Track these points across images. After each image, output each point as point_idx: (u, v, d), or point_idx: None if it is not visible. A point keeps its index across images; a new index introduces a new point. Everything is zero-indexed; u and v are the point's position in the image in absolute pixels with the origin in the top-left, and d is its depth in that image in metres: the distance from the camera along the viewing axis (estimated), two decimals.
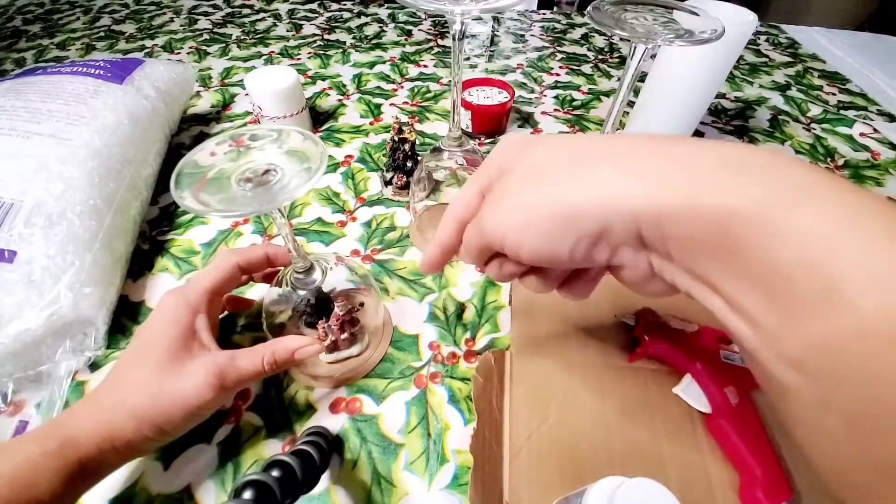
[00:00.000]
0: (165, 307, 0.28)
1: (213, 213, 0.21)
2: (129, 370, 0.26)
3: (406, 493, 0.29)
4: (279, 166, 0.23)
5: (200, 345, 0.28)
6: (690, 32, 0.26)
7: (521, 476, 0.28)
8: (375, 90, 0.70)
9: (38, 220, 0.35)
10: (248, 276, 0.34)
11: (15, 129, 0.39)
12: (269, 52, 0.80)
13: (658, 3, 0.29)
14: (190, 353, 0.27)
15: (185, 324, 0.27)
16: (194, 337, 0.28)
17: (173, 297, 0.29)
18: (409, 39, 0.86)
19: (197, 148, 0.23)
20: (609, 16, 0.27)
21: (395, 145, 0.46)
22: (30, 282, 0.32)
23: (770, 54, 0.84)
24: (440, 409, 0.33)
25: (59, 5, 0.98)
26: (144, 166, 0.47)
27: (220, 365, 0.26)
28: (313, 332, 0.32)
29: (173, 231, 0.46)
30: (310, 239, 0.45)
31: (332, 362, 0.34)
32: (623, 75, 0.29)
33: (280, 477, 0.23)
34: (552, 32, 0.90)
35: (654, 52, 0.27)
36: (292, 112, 0.55)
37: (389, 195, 0.49)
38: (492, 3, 0.26)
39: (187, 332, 0.27)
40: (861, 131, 0.63)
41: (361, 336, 0.35)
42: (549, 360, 0.34)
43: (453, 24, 0.28)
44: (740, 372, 0.29)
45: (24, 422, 0.32)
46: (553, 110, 0.66)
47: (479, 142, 0.60)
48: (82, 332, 0.34)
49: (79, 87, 0.46)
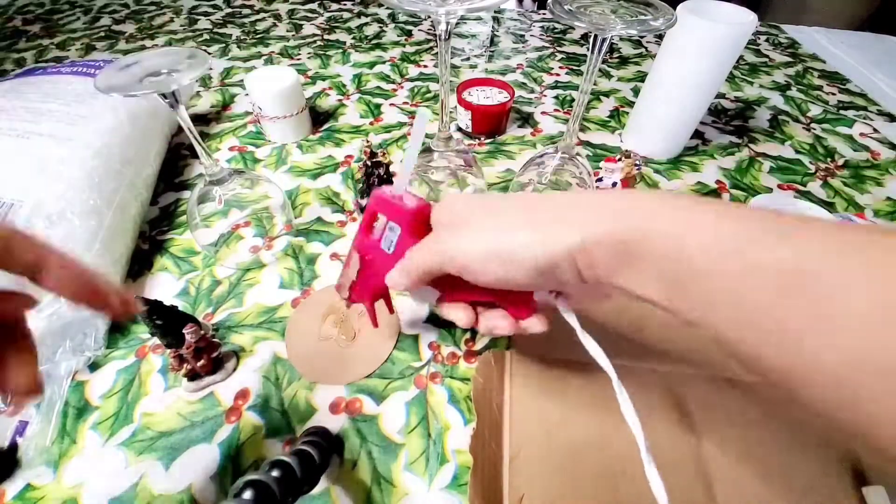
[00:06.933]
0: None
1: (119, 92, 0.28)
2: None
3: (406, 494, 0.29)
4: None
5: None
6: (643, 21, 0.28)
7: (521, 476, 0.28)
8: (375, 90, 0.70)
9: (38, 220, 0.35)
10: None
11: (15, 129, 0.39)
12: (269, 52, 0.80)
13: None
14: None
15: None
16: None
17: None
18: (409, 39, 0.86)
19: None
20: (565, 10, 0.29)
21: (369, 170, 0.43)
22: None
23: (770, 54, 0.84)
24: (440, 410, 0.33)
25: (59, 5, 0.98)
26: (144, 166, 0.47)
27: None
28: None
29: (173, 231, 0.46)
30: (310, 239, 0.45)
31: (194, 391, 0.34)
32: (586, 66, 0.32)
33: (280, 477, 0.23)
34: (552, 32, 0.90)
35: (611, 40, 0.30)
36: (292, 112, 0.55)
37: None
38: (476, 3, 0.27)
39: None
40: (861, 131, 0.63)
41: (229, 360, 0.35)
42: (549, 360, 0.34)
43: (438, 24, 0.28)
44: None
45: (24, 422, 0.32)
46: (553, 110, 0.66)
47: (480, 142, 0.60)
48: (82, 332, 0.34)
49: (79, 87, 0.46)
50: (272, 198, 0.44)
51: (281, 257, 0.44)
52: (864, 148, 0.60)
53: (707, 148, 0.59)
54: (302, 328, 0.38)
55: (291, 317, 0.39)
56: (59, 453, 0.31)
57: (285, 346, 0.37)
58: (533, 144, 0.59)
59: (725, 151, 0.59)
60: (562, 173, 0.39)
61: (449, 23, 0.28)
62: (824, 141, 0.62)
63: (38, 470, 0.30)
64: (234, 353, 0.36)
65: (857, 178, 0.55)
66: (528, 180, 0.42)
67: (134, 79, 0.30)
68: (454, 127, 0.62)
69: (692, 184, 0.53)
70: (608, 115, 0.66)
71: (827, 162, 0.58)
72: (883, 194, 0.53)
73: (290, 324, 0.38)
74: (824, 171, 0.56)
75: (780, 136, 0.62)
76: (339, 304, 0.39)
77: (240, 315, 0.39)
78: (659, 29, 0.27)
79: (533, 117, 0.65)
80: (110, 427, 0.32)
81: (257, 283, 0.41)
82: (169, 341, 0.33)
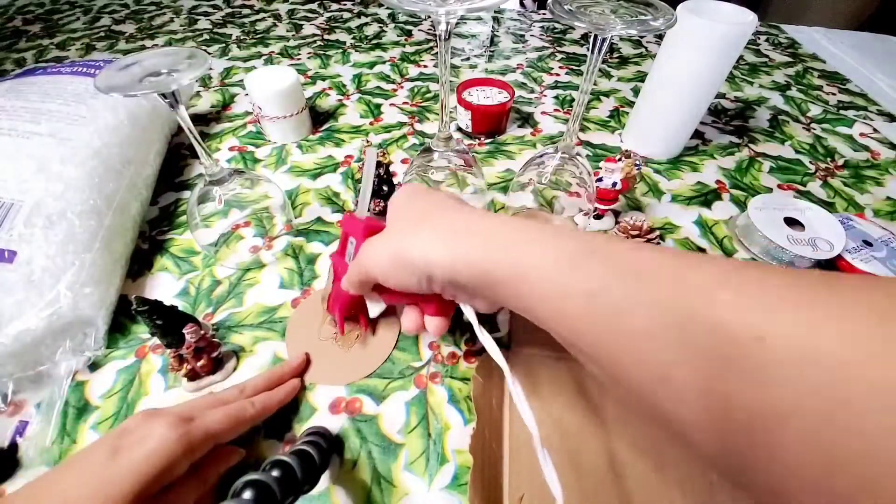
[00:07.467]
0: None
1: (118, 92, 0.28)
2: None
3: (406, 493, 0.29)
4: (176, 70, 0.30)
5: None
6: (643, 21, 0.28)
7: (521, 476, 0.28)
8: (375, 90, 0.70)
9: (38, 220, 0.35)
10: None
11: (15, 129, 0.39)
12: (269, 52, 0.80)
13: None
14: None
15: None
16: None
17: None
18: (409, 39, 0.86)
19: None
20: (565, 10, 0.29)
21: None
22: (30, 282, 0.32)
23: (770, 54, 0.84)
24: (440, 409, 0.33)
25: (59, 5, 0.98)
26: (144, 166, 0.47)
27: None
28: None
29: (173, 231, 0.46)
30: (310, 239, 0.45)
31: (194, 391, 0.34)
32: (586, 66, 0.32)
33: (280, 477, 0.23)
34: (552, 32, 0.90)
35: (611, 40, 0.30)
36: (292, 112, 0.55)
37: None
38: (476, 3, 0.27)
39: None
40: (861, 131, 0.63)
41: (229, 360, 0.35)
42: (549, 359, 0.34)
43: (438, 24, 0.28)
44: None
45: (25, 422, 0.32)
46: (553, 110, 0.66)
47: (479, 142, 0.60)
48: (82, 332, 0.34)
49: (79, 87, 0.46)
50: (272, 198, 0.44)
51: (281, 257, 0.44)
52: (864, 148, 0.60)
53: (707, 148, 0.59)
54: (302, 328, 0.38)
55: (291, 317, 0.39)
56: (59, 453, 0.31)
57: (285, 346, 0.37)
58: (533, 144, 0.59)
59: (725, 151, 0.59)
60: (562, 173, 0.39)
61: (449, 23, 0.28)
62: (824, 141, 0.62)
63: (38, 470, 0.30)
64: (234, 353, 0.36)
65: (857, 178, 0.55)
66: (528, 180, 0.42)
67: (134, 79, 0.30)
68: (454, 127, 0.62)
69: (692, 184, 0.53)
70: (608, 115, 0.66)
71: (827, 162, 0.58)
72: (883, 194, 0.53)
73: (290, 324, 0.38)
74: (824, 171, 0.56)
75: (780, 136, 0.62)
76: None
77: (240, 315, 0.39)
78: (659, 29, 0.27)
79: (533, 117, 0.65)
80: (110, 427, 0.32)
81: (257, 283, 0.41)
82: (169, 341, 0.33)
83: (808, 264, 0.42)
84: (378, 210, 0.46)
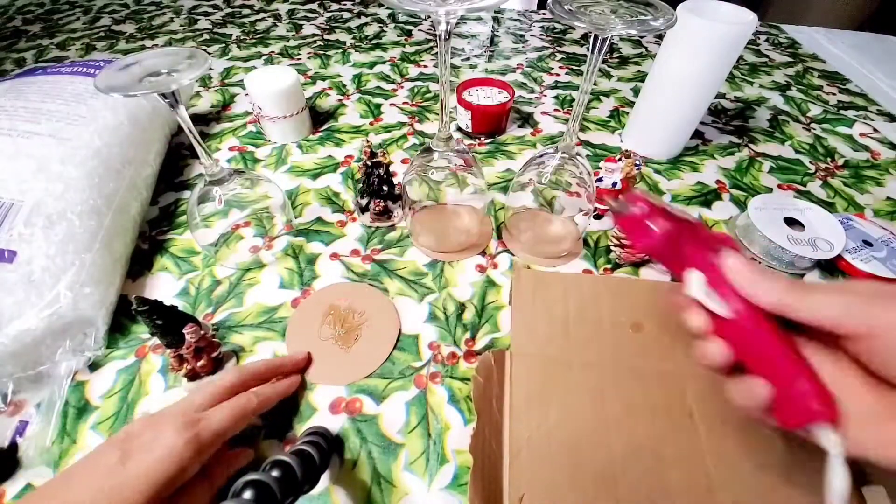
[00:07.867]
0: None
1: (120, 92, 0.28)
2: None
3: (406, 493, 0.29)
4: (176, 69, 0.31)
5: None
6: (643, 21, 0.27)
7: (522, 476, 0.28)
8: (375, 90, 0.70)
9: (38, 220, 0.35)
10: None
11: (15, 129, 0.39)
12: (269, 52, 0.80)
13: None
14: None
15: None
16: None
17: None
18: (409, 39, 0.86)
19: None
20: (565, 10, 0.29)
21: (369, 170, 0.44)
22: (30, 282, 0.32)
23: (770, 54, 0.84)
24: (440, 409, 0.33)
25: (59, 5, 0.98)
26: (144, 166, 0.47)
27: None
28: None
29: (173, 231, 0.46)
30: (310, 239, 0.45)
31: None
32: (587, 66, 0.31)
33: (280, 477, 0.23)
34: (552, 32, 0.90)
35: (611, 40, 0.29)
36: (292, 112, 0.55)
37: (367, 222, 0.47)
38: (476, 3, 0.26)
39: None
40: (861, 131, 0.63)
41: (229, 360, 0.35)
42: (549, 360, 0.34)
43: (438, 24, 0.28)
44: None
45: (25, 422, 0.32)
46: (553, 110, 0.66)
47: (480, 142, 0.60)
48: (82, 332, 0.34)
49: (79, 87, 0.46)
50: (272, 198, 0.44)
51: (281, 257, 0.44)
52: (864, 148, 0.60)
53: (707, 148, 0.59)
54: (302, 328, 0.38)
55: (291, 317, 0.39)
56: (59, 453, 0.31)
57: (285, 346, 0.37)
58: (533, 144, 0.59)
59: (725, 151, 0.59)
60: (562, 173, 0.39)
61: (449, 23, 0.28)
62: (824, 141, 0.62)
63: (38, 470, 0.30)
64: (234, 353, 0.36)
65: (857, 178, 0.55)
66: (528, 180, 0.42)
67: (134, 79, 0.30)
68: (454, 127, 0.62)
69: (692, 184, 0.53)
70: (608, 115, 0.66)
71: (827, 162, 0.58)
72: (883, 194, 0.53)
73: (290, 324, 0.38)
74: (824, 171, 0.56)
75: (780, 136, 0.62)
76: (338, 303, 0.39)
77: (240, 315, 0.39)
78: (659, 29, 0.27)
79: (533, 117, 0.65)
80: (110, 427, 0.32)
81: (257, 283, 0.41)
82: (169, 341, 0.33)
83: (808, 264, 0.42)
84: (379, 210, 0.46)
